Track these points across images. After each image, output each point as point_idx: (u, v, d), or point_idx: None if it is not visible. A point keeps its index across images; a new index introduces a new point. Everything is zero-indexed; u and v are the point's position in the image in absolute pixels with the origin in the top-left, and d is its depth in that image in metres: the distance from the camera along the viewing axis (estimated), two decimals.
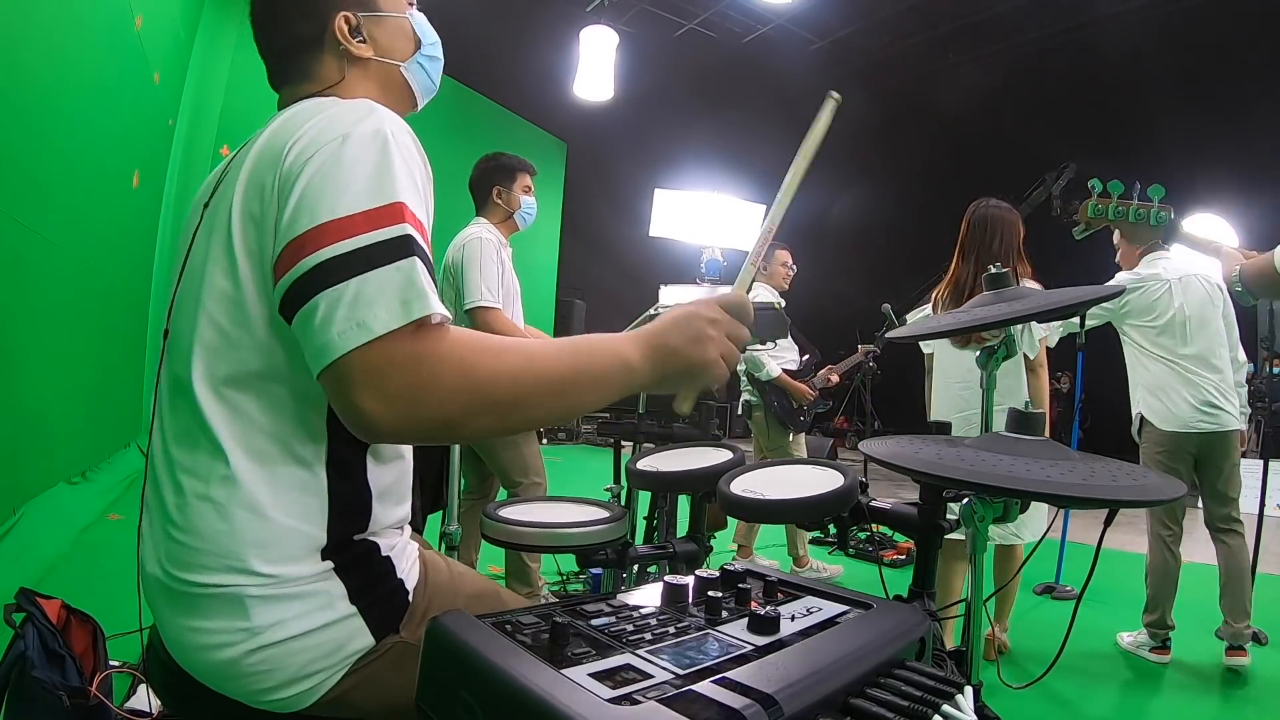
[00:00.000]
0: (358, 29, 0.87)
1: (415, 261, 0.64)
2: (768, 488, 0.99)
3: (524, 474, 2.31)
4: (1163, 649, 2.54)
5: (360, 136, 0.69)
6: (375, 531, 0.78)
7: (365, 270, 0.62)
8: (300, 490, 0.72)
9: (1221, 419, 2.50)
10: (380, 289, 0.62)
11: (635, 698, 0.50)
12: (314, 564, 0.72)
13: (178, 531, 0.72)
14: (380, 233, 0.64)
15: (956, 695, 0.57)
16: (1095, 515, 0.79)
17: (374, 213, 0.65)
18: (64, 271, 3.06)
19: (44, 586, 1.58)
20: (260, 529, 0.70)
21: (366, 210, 0.65)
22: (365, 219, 0.64)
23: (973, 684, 0.90)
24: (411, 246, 0.65)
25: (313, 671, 0.73)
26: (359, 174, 0.67)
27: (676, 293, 8.76)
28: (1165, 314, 2.57)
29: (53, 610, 1.37)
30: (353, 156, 0.67)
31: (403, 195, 0.67)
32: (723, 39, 8.60)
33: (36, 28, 2.49)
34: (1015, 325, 1.11)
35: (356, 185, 0.66)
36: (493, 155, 2.50)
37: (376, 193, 0.66)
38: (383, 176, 0.67)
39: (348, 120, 0.71)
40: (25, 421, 2.73)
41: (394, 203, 0.66)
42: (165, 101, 4.93)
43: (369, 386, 0.61)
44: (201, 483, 0.71)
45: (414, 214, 0.67)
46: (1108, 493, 0.72)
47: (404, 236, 0.65)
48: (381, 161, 0.68)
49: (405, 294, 0.62)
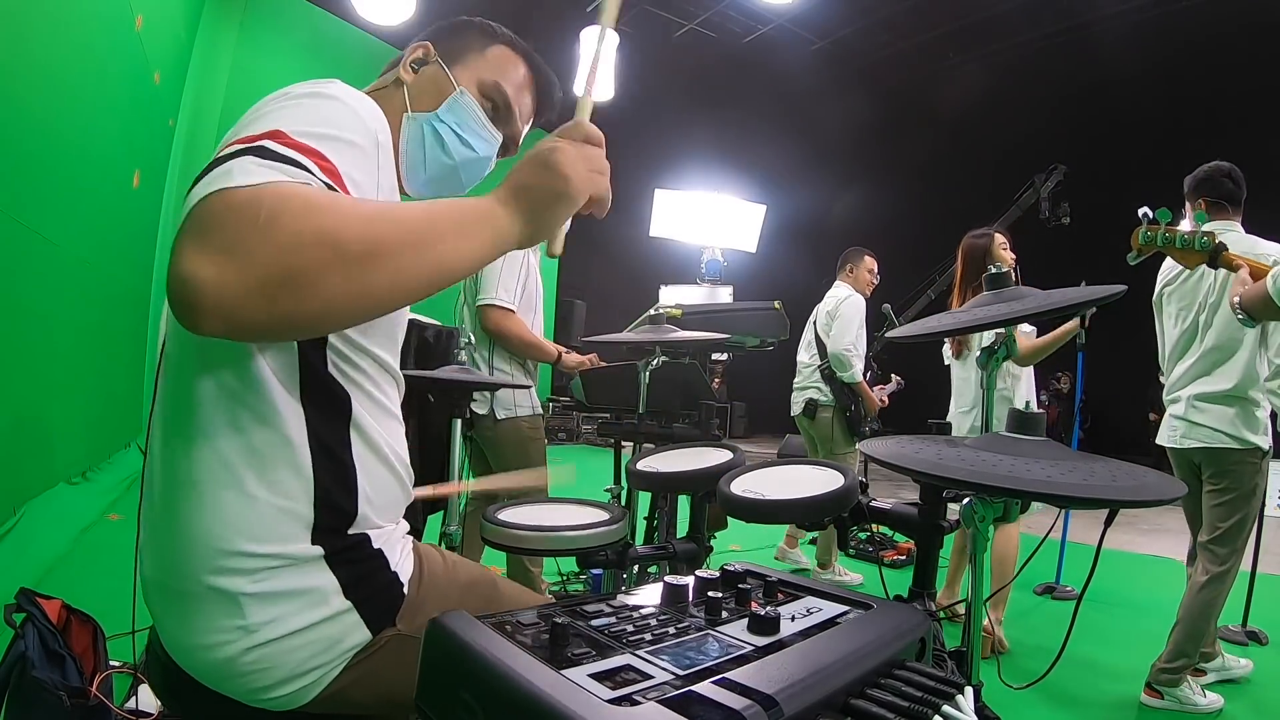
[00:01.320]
0: (424, 61, 0.94)
1: (246, 156, 0.60)
2: (768, 488, 0.99)
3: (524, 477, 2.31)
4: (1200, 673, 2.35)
5: (297, 91, 0.73)
6: (365, 520, 0.78)
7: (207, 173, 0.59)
8: (282, 468, 0.72)
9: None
10: (220, 173, 0.57)
11: (635, 698, 0.50)
12: (304, 545, 0.72)
13: (170, 523, 0.72)
14: (238, 146, 0.62)
15: (957, 696, 0.57)
16: (1095, 515, 0.79)
17: (249, 136, 0.64)
18: (64, 271, 3.06)
19: (44, 586, 1.58)
20: (247, 510, 0.70)
21: (251, 134, 0.64)
22: (244, 140, 0.63)
23: (973, 684, 0.90)
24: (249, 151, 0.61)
25: (310, 668, 0.73)
26: (271, 115, 0.68)
27: (676, 293, 8.74)
28: None
29: (53, 610, 1.38)
30: (276, 104, 0.70)
31: (284, 125, 0.66)
32: (723, 39, 8.60)
33: (37, 28, 2.49)
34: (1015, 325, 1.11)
35: (261, 120, 0.67)
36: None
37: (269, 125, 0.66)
38: (284, 114, 0.68)
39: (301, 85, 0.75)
40: (25, 421, 2.73)
41: (273, 129, 0.64)
42: (165, 101, 4.94)
43: (192, 243, 0.52)
44: (188, 470, 0.71)
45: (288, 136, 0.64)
46: (1108, 493, 0.72)
47: (253, 146, 0.61)
48: (295, 106, 0.70)
49: (228, 171, 0.57)
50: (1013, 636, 2.71)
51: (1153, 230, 1.72)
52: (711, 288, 8.21)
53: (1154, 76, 7.92)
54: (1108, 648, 2.68)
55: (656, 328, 2.10)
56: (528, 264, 2.33)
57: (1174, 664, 2.17)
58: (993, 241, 2.78)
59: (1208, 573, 2.19)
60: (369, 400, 0.79)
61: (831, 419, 3.41)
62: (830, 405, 3.41)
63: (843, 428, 3.40)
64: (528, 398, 2.34)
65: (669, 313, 2.53)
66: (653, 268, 9.18)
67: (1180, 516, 2.48)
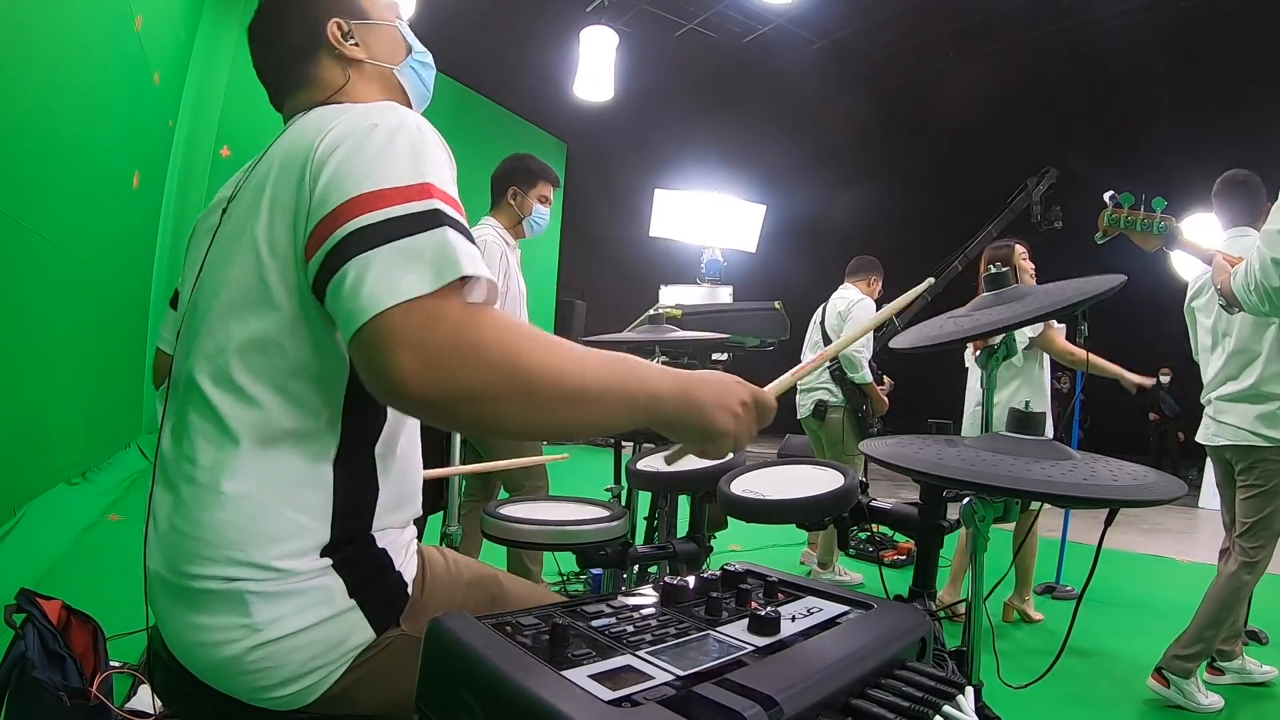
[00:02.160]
0: (350, 34, 0.89)
1: (446, 230, 0.64)
2: (768, 488, 0.99)
3: (527, 476, 2.31)
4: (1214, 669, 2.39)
5: (388, 125, 0.71)
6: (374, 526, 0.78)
7: (397, 238, 0.62)
8: (308, 486, 0.72)
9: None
10: (411, 254, 0.62)
11: (635, 699, 0.50)
12: (313, 560, 0.73)
13: (183, 524, 0.72)
14: (410, 205, 0.64)
15: (957, 696, 0.57)
16: (1095, 515, 0.79)
17: (404, 189, 0.65)
18: (64, 271, 3.06)
19: (44, 587, 1.58)
20: (265, 522, 0.71)
21: (396, 186, 0.65)
22: (395, 193, 0.65)
23: (973, 684, 0.90)
24: (441, 218, 0.64)
25: (314, 667, 0.73)
26: (388, 155, 0.68)
27: (676, 293, 8.75)
28: None
29: (53, 611, 1.38)
30: (381, 141, 0.69)
31: (430, 177, 0.67)
32: (723, 39, 8.61)
33: (36, 29, 2.49)
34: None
35: (386, 165, 0.67)
36: (521, 156, 2.45)
37: (406, 172, 0.67)
38: (412, 158, 0.68)
39: (374, 113, 0.73)
40: (25, 421, 2.73)
41: (423, 182, 0.66)
42: (165, 102, 4.94)
43: (407, 342, 0.59)
44: (210, 475, 0.71)
45: (444, 192, 0.67)
46: (1108, 493, 0.72)
47: (433, 209, 0.65)
48: (410, 146, 0.69)
49: (438, 260, 0.62)
50: (1012, 636, 2.71)
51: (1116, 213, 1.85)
52: (711, 288, 8.20)
53: (1154, 76, 7.93)
54: (1108, 647, 2.68)
55: (656, 328, 2.10)
56: (507, 260, 2.31)
57: (1189, 650, 2.18)
58: (1013, 252, 2.80)
59: (1236, 563, 2.23)
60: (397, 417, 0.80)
61: (842, 420, 3.39)
62: (840, 406, 3.40)
63: (853, 429, 3.39)
64: None
65: (669, 313, 2.53)
66: (653, 268, 9.17)
67: (1181, 516, 2.49)
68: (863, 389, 3.37)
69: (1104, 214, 1.86)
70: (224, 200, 0.84)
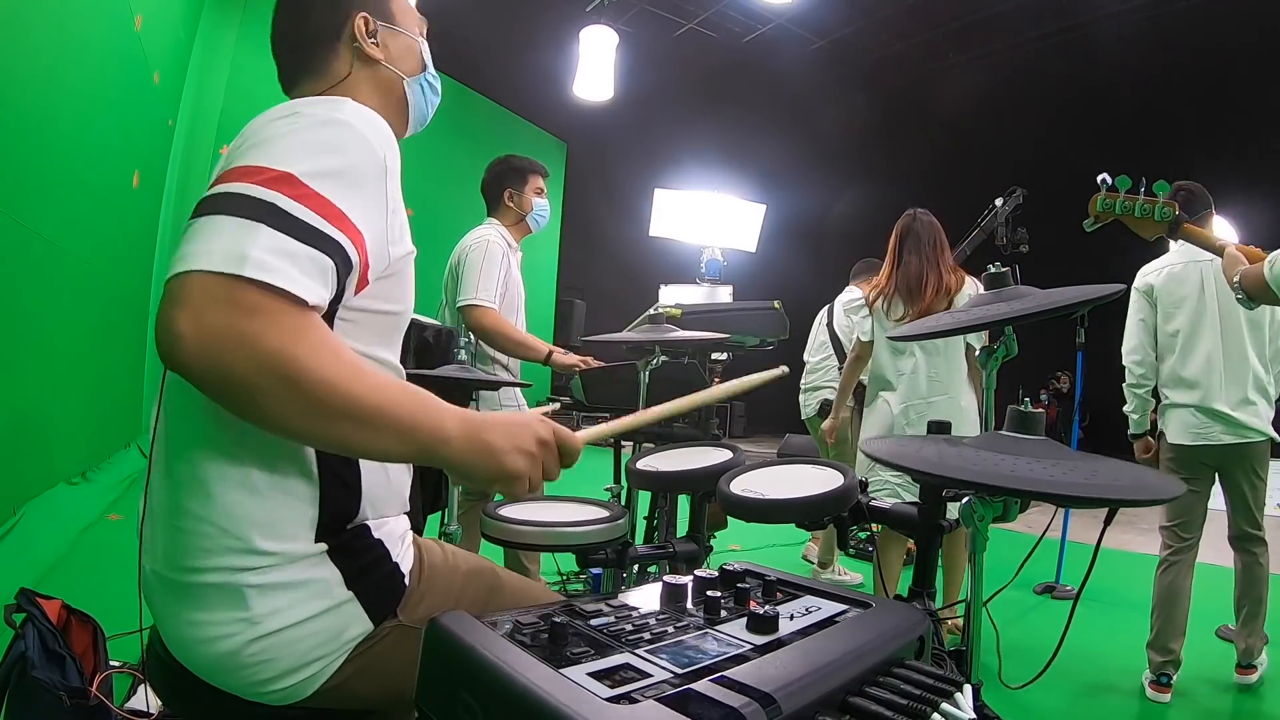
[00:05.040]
0: (374, 33, 0.91)
1: (261, 228, 0.62)
2: (768, 488, 0.99)
3: None
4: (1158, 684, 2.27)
5: (310, 114, 0.72)
6: (366, 513, 0.79)
7: (219, 212, 0.63)
8: (290, 466, 0.73)
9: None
10: (228, 231, 0.61)
11: (634, 697, 0.50)
12: (308, 543, 0.73)
13: (177, 519, 0.73)
14: (250, 187, 0.64)
15: (955, 694, 0.57)
16: (1095, 515, 0.79)
17: (267, 170, 0.65)
18: (64, 271, 3.06)
19: (44, 586, 1.58)
20: (256, 506, 0.71)
21: (261, 165, 0.66)
22: (254, 171, 0.65)
23: (972, 683, 0.90)
24: (263, 213, 0.63)
25: (313, 659, 0.73)
26: (283, 140, 0.69)
27: (676, 292, 8.73)
28: None
29: (53, 610, 1.38)
30: (289, 127, 0.70)
31: (297, 167, 0.66)
32: (723, 39, 8.60)
33: (36, 28, 2.49)
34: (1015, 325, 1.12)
35: (272, 147, 0.68)
36: (503, 158, 2.46)
37: (285, 158, 0.67)
38: (307, 149, 0.69)
39: (314, 104, 0.75)
40: (25, 421, 2.73)
41: (285, 171, 0.66)
42: (165, 101, 4.93)
43: (190, 309, 0.59)
44: (199, 466, 0.72)
45: (308, 186, 0.66)
46: (1108, 492, 0.72)
47: (267, 202, 0.63)
48: (308, 136, 0.70)
49: (243, 248, 0.60)
50: (1012, 636, 2.71)
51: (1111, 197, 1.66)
52: (711, 287, 8.20)
53: (1153, 76, 7.92)
54: (1107, 647, 2.68)
55: (656, 327, 2.10)
56: (508, 264, 2.31)
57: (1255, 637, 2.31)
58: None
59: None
60: None
61: (849, 419, 3.39)
62: (848, 406, 3.41)
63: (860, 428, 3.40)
64: (514, 396, 2.33)
65: (669, 312, 2.53)
66: (653, 267, 9.17)
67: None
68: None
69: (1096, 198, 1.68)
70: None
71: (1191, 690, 2.35)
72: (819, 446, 3.61)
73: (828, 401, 3.43)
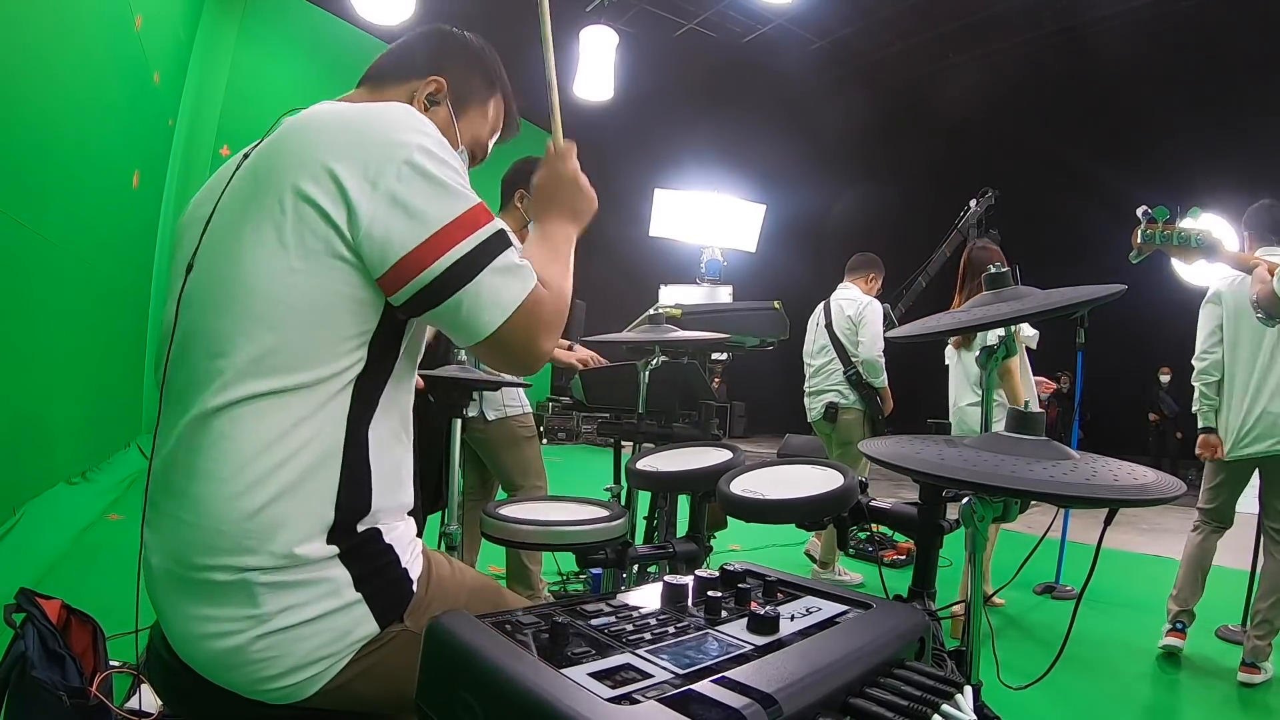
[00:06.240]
0: (438, 100, 1.00)
1: (513, 251, 0.80)
2: (768, 488, 0.99)
3: (525, 476, 2.31)
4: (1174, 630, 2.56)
5: (421, 148, 0.77)
6: (377, 516, 0.79)
7: (488, 263, 0.77)
8: (312, 469, 0.73)
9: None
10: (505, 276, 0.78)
11: (635, 697, 0.50)
12: (321, 545, 0.74)
13: (190, 516, 0.73)
14: (481, 232, 0.77)
15: (956, 695, 0.57)
16: (1095, 515, 0.79)
17: (465, 217, 0.77)
18: (64, 271, 3.06)
19: (44, 586, 1.58)
20: (271, 506, 0.72)
21: (459, 218, 0.76)
22: (460, 226, 0.76)
23: (972, 684, 0.90)
24: (506, 237, 0.80)
25: (317, 659, 0.73)
26: (436, 186, 0.76)
27: (676, 292, 8.71)
28: None
29: (53, 610, 1.37)
30: (425, 168, 0.76)
31: (474, 195, 0.79)
32: (723, 39, 8.61)
33: (36, 28, 2.49)
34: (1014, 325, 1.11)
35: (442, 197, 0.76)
36: (528, 160, 2.40)
37: (461, 199, 0.77)
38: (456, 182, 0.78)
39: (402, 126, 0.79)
40: (25, 421, 2.73)
41: (475, 204, 0.78)
42: (165, 101, 4.94)
43: (539, 329, 0.80)
44: (212, 463, 0.72)
45: (485, 205, 0.80)
46: (1108, 492, 0.72)
47: (500, 230, 0.79)
48: (447, 169, 0.78)
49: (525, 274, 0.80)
50: (1013, 636, 2.71)
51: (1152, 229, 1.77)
52: (711, 287, 8.21)
53: (1155, 76, 7.92)
54: (1107, 647, 2.68)
55: (656, 327, 2.10)
56: None
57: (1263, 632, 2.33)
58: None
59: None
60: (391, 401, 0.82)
61: (857, 422, 3.41)
62: (853, 408, 3.41)
63: (869, 430, 3.42)
64: (517, 396, 2.33)
65: (669, 312, 2.52)
66: (653, 267, 9.18)
67: (1181, 516, 2.51)
68: (879, 392, 3.39)
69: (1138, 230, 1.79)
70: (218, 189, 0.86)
71: (1192, 691, 2.36)
72: (826, 449, 3.61)
73: (833, 404, 3.44)
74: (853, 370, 3.41)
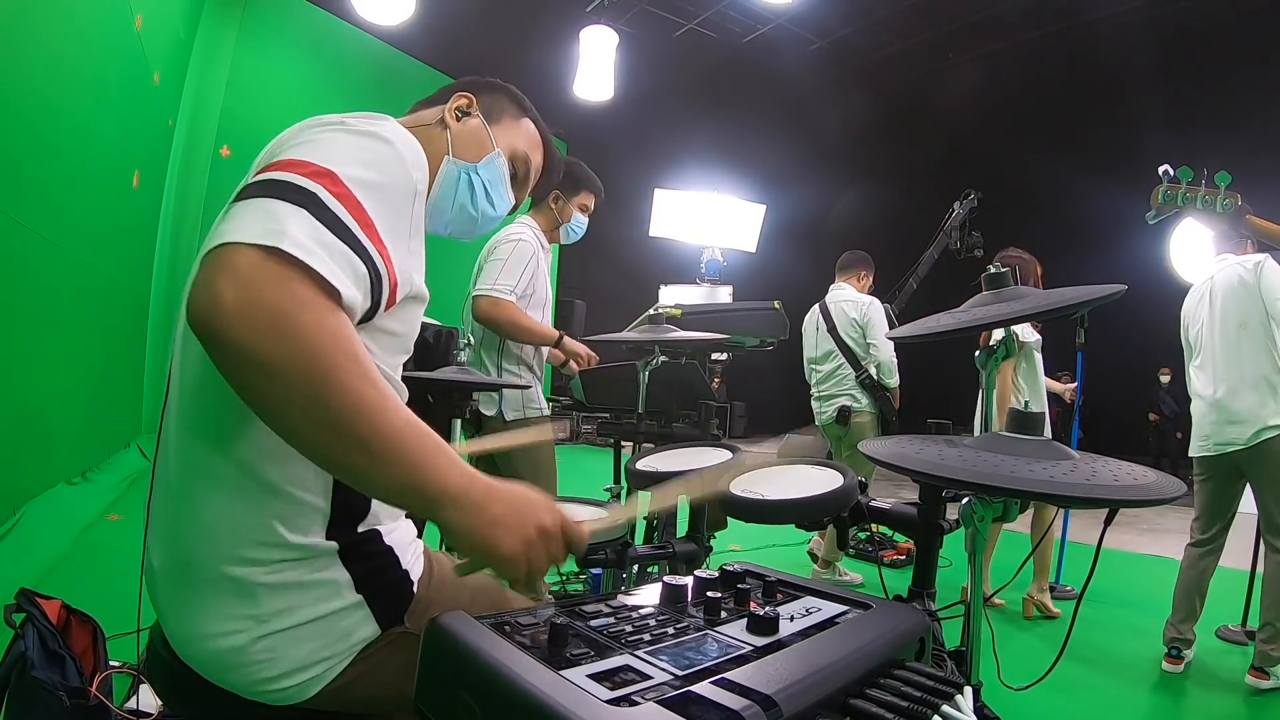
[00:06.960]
0: (467, 111, 1.02)
1: (302, 213, 0.62)
2: (768, 488, 0.99)
3: (536, 479, 2.30)
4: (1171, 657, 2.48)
5: (353, 125, 0.74)
6: (377, 517, 0.79)
7: (262, 196, 0.63)
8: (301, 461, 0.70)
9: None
10: (270, 211, 0.61)
11: (634, 699, 0.50)
12: (320, 538, 0.74)
13: (185, 517, 0.73)
14: (295, 177, 0.64)
15: (956, 695, 0.57)
16: (1095, 515, 0.79)
17: (308, 163, 0.66)
18: (64, 271, 3.06)
19: (44, 586, 1.58)
20: (267, 502, 0.72)
21: (306, 160, 0.67)
22: (298, 164, 0.66)
23: (972, 684, 0.90)
24: (305, 200, 0.63)
25: (317, 660, 0.73)
26: (327, 144, 0.70)
27: (676, 293, 8.70)
28: None
29: (53, 610, 1.37)
30: (332, 133, 0.72)
31: (339, 169, 0.67)
32: (723, 39, 8.60)
33: (36, 28, 2.49)
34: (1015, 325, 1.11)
35: (317, 147, 0.69)
36: (569, 161, 2.36)
37: (323, 157, 0.68)
38: (350, 150, 0.71)
39: (358, 116, 0.77)
40: (25, 421, 2.73)
41: (328, 169, 0.66)
42: (165, 101, 4.93)
43: (236, 276, 0.57)
44: (208, 462, 0.72)
45: (348, 188, 0.66)
46: (1108, 492, 0.72)
47: (309, 191, 0.64)
48: (350, 143, 0.72)
49: (283, 226, 0.60)
50: (1012, 636, 2.71)
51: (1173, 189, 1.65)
52: (711, 287, 8.20)
53: (1154, 76, 7.92)
54: (1108, 648, 2.68)
55: (656, 327, 2.10)
56: (537, 261, 2.28)
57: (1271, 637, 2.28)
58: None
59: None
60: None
61: (870, 424, 3.41)
62: (865, 410, 3.41)
63: (880, 432, 3.42)
64: (536, 399, 2.32)
65: (669, 312, 2.53)
66: (652, 267, 9.16)
67: (1180, 516, 2.51)
68: (889, 394, 3.40)
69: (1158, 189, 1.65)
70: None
71: (1193, 691, 2.35)
72: (835, 451, 3.61)
73: (846, 408, 3.43)
74: (864, 374, 3.40)
